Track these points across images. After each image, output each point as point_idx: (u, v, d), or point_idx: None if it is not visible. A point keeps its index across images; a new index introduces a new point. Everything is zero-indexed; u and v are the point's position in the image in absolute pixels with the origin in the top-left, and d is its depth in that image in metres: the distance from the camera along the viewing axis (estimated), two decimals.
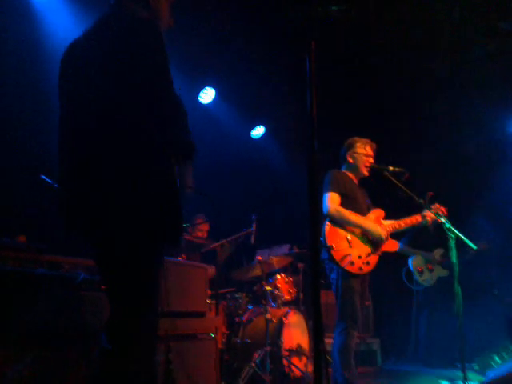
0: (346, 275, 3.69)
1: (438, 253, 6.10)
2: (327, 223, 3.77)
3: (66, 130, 1.99)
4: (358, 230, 3.81)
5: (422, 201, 3.90)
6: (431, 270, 6.05)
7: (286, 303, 5.34)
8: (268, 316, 4.70)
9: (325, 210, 3.78)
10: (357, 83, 6.40)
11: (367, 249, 3.80)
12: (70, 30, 4.16)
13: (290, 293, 5.33)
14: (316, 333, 1.61)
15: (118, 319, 1.86)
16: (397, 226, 3.97)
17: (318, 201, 1.66)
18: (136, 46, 1.87)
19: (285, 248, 5.80)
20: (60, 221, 1.92)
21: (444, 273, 5.99)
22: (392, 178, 3.91)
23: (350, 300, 3.68)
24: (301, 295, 5.58)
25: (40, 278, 2.19)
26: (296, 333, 4.99)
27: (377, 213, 4.00)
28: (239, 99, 6.56)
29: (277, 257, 5.38)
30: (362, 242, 3.81)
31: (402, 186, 3.87)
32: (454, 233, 3.65)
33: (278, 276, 5.33)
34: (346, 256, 3.67)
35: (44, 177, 2.89)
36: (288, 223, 6.85)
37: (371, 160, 4.05)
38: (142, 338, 1.86)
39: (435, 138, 6.86)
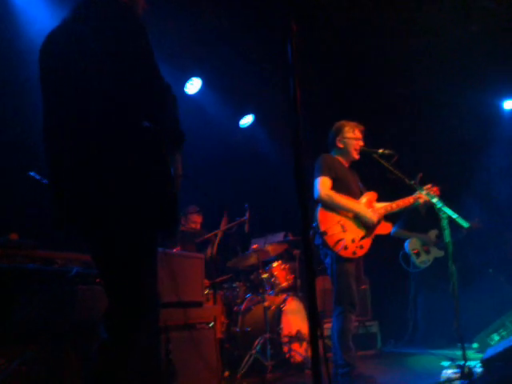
0: (341, 259, 3.70)
1: (432, 234, 6.12)
2: (320, 208, 3.77)
3: (58, 127, 1.93)
4: (350, 214, 3.81)
5: (412, 182, 3.90)
6: (427, 252, 6.07)
7: (284, 290, 5.36)
8: (266, 304, 4.73)
9: (316, 195, 3.77)
10: (347, 65, 6.38)
11: (360, 232, 3.81)
12: (48, 21, 4.09)
13: (287, 280, 5.35)
14: (312, 318, 1.61)
15: (118, 315, 1.86)
16: (389, 209, 3.97)
17: (305, 187, 1.64)
18: (122, 32, 1.86)
19: (280, 235, 5.82)
20: (57, 220, 1.90)
21: (440, 254, 6.01)
22: (381, 161, 3.91)
23: (345, 284, 3.70)
24: (298, 282, 5.59)
25: (33, 274, 2.19)
26: (295, 319, 5.02)
27: (369, 196, 4.00)
28: (227, 88, 6.50)
29: (272, 245, 5.40)
30: (355, 226, 3.81)
31: (392, 168, 3.86)
32: (445, 212, 3.65)
33: (275, 263, 5.35)
34: (339, 241, 3.68)
35: (33, 173, 2.87)
36: (282, 211, 6.83)
37: (361, 143, 4.04)
38: (143, 331, 1.87)
39: (425, 119, 6.86)
